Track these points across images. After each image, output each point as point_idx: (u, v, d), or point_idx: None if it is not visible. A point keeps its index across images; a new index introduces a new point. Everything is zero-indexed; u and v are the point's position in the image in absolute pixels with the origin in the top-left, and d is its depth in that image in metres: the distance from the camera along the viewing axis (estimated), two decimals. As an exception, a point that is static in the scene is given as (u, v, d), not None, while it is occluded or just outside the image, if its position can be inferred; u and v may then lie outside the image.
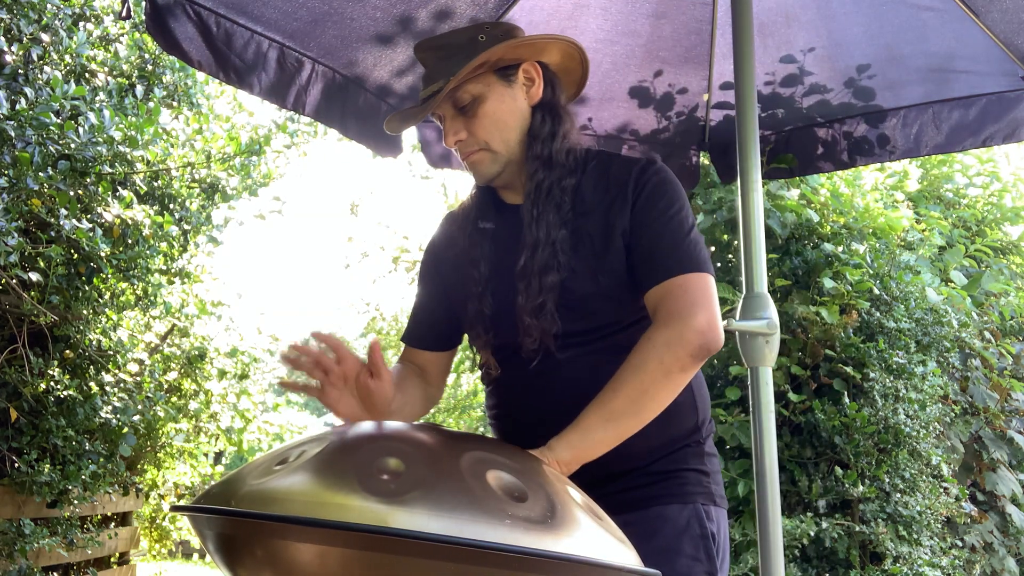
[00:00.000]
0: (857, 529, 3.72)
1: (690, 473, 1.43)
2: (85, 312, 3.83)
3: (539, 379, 1.42)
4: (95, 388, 3.96)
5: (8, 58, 3.56)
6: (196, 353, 5.12)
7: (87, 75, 4.17)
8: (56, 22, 3.79)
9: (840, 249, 4.11)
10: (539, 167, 1.43)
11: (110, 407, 3.99)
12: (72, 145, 3.40)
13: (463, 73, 1.39)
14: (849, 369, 3.86)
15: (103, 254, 3.65)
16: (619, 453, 1.28)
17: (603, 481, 1.35)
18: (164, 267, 4.58)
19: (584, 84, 1.58)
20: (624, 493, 1.39)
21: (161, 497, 5.74)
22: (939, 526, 3.96)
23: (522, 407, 1.45)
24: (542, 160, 1.44)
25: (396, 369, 1.59)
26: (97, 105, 3.69)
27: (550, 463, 1.17)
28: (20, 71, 3.60)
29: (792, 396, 3.84)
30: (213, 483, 1.01)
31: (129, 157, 3.85)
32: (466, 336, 1.60)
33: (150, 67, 4.58)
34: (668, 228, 1.38)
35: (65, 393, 3.68)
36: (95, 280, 3.78)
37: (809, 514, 3.68)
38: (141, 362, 4.46)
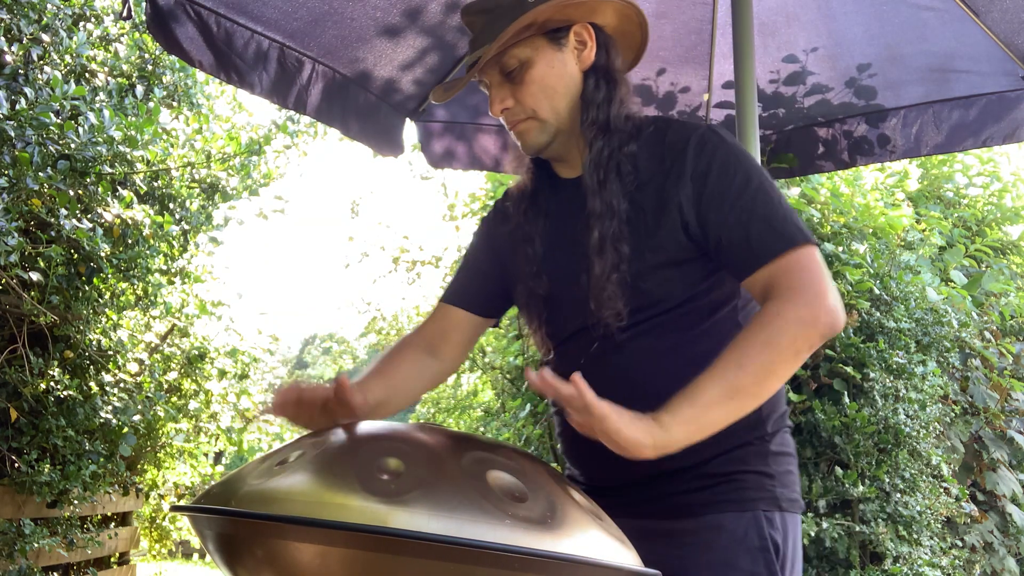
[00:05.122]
0: (857, 529, 3.72)
1: (750, 476, 1.29)
2: (85, 312, 3.83)
3: (598, 362, 1.31)
4: (95, 388, 3.96)
5: (8, 58, 3.56)
6: (196, 353, 5.11)
7: (87, 75, 4.17)
8: (56, 22, 3.79)
9: (840, 249, 4.11)
10: (597, 134, 1.33)
11: (110, 407, 3.99)
12: (72, 145, 3.40)
13: (507, 35, 1.29)
14: (849, 369, 3.86)
15: (103, 254, 3.65)
16: None
17: (654, 480, 1.27)
18: (164, 267, 4.58)
19: (644, 48, 1.46)
20: (677, 496, 1.28)
21: (161, 497, 5.74)
22: (939, 526, 3.95)
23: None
24: (599, 126, 1.33)
25: (388, 352, 1.51)
26: (97, 105, 3.69)
27: (655, 444, 1.08)
28: (20, 71, 3.60)
29: (792, 396, 3.84)
30: (213, 483, 1.01)
31: (129, 157, 3.85)
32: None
33: (150, 67, 4.58)
34: (757, 202, 1.24)
35: (65, 393, 3.68)
36: (95, 280, 3.78)
37: (809, 514, 3.68)
38: (141, 362, 4.46)
